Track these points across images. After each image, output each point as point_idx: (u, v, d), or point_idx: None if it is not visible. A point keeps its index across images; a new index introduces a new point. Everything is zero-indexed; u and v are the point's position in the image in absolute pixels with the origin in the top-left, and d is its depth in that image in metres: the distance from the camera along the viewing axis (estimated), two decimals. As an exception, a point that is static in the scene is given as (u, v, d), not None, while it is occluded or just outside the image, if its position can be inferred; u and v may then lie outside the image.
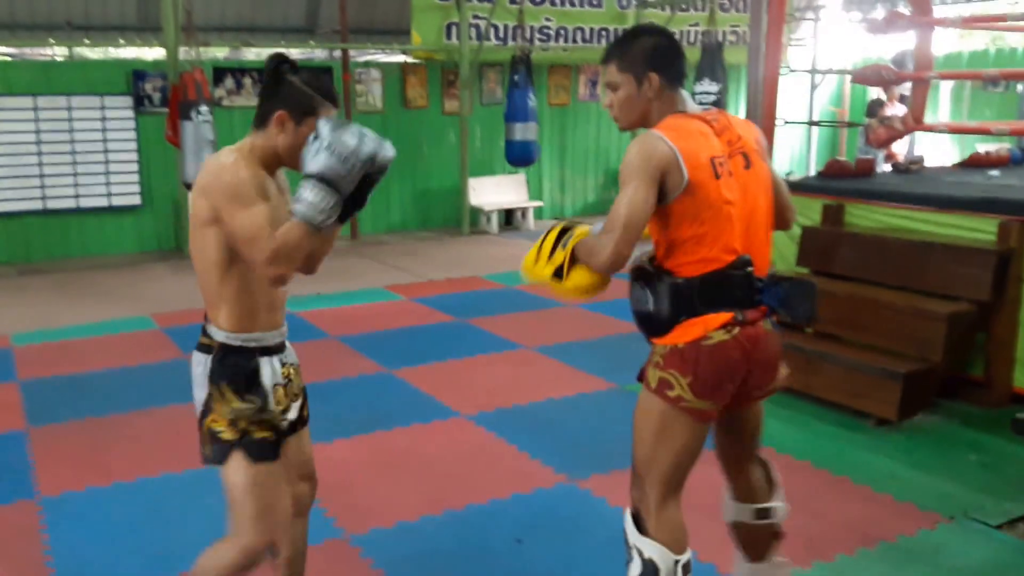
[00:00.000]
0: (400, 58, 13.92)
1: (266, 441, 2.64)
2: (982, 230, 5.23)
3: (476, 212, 13.01)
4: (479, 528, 3.99)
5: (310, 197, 2.38)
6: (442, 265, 10.39)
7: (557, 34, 13.19)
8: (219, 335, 2.63)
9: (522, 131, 11.77)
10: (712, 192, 2.60)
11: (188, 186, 9.78)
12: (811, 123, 11.00)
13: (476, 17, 12.42)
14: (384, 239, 12.40)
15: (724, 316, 2.65)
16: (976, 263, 4.98)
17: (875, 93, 10.43)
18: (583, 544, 3.83)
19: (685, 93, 2.77)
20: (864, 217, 5.96)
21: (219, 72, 11.64)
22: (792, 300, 2.73)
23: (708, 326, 2.65)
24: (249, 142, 2.62)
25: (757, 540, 3.13)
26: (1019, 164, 7.28)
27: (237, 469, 2.62)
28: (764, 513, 3.06)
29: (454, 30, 12.35)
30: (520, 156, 11.87)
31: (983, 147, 9.37)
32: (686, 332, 2.66)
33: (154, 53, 12.88)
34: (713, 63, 10.87)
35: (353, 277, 9.63)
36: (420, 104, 12.88)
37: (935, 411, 5.23)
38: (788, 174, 6.95)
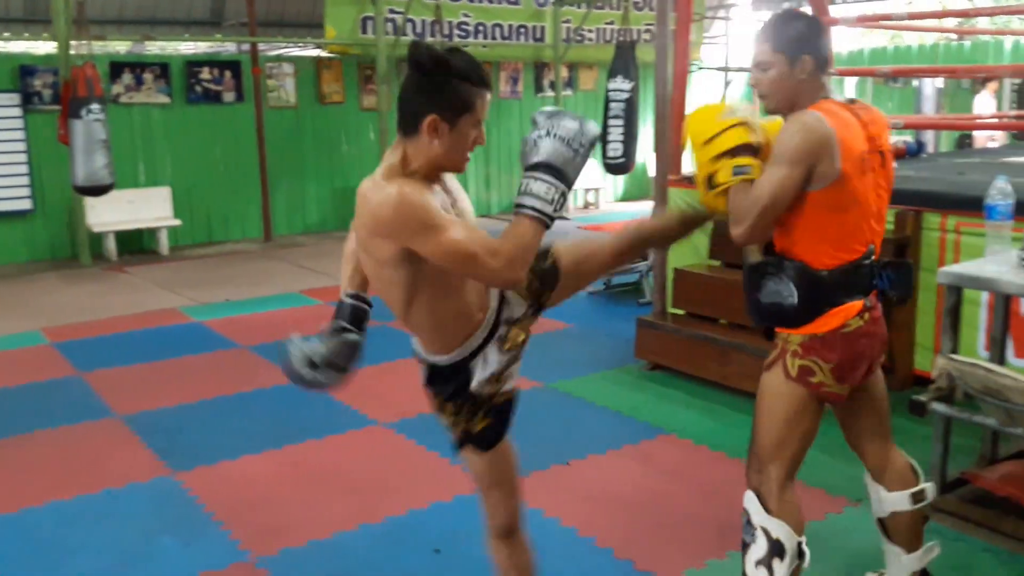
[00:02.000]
0: (315, 52, 13.70)
1: (487, 428, 2.56)
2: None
3: (396, 210, 12.78)
4: (396, 541, 3.86)
5: (537, 189, 2.23)
6: (360, 266, 10.16)
7: (476, 30, 13.12)
8: (441, 359, 2.53)
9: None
10: (858, 186, 2.70)
11: (78, 189, 9.40)
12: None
13: (392, 11, 12.27)
14: (299, 240, 12.13)
15: (858, 304, 2.78)
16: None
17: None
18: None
19: (829, 81, 2.81)
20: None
21: (117, 67, 11.29)
22: (899, 282, 2.86)
23: (848, 315, 2.77)
24: (400, 155, 2.34)
25: (915, 527, 3.13)
26: (915, 156, 7.42)
27: (478, 461, 2.61)
28: (920, 496, 3.08)
29: (370, 24, 12.17)
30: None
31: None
32: (827, 322, 2.77)
33: (46, 47, 12.42)
34: (627, 61, 10.94)
35: (265, 282, 9.38)
36: (336, 99, 12.69)
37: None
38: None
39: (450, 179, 2.54)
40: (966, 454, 4.23)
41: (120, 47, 14.86)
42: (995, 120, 8.72)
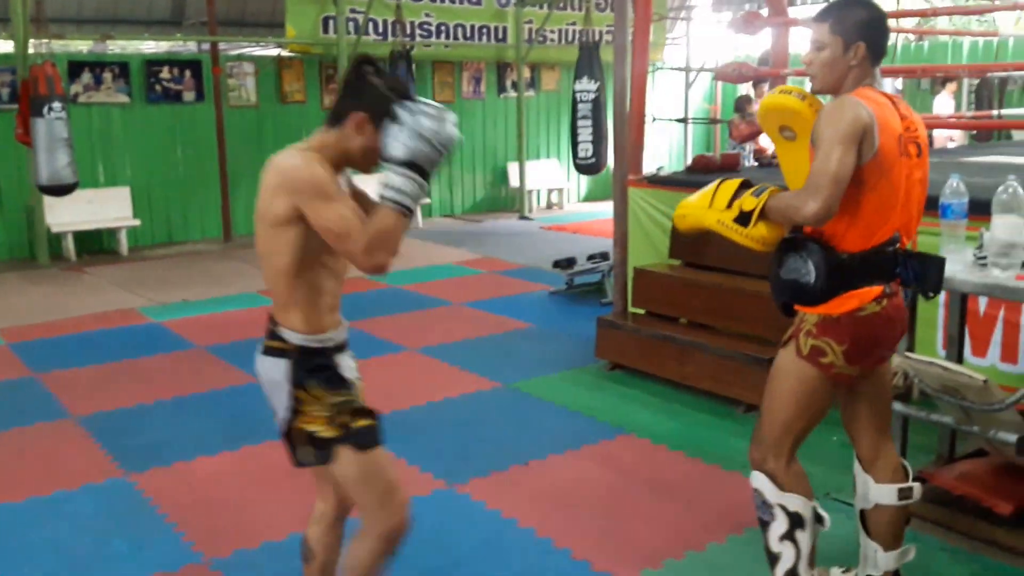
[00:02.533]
0: (276, 52, 13.61)
1: (369, 428, 2.61)
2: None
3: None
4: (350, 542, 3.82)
5: (398, 182, 2.37)
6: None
7: (438, 30, 13.10)
8: (295, 338, 2.58)
9: (400, 128, 11.59)
10: (894, 165, 2.75)
11: (42, 188, 9.33)
12: (680, 120, 11.19)
13: (353, 11, 12.21)
14: (261, 240, 11.99)
15: (877, 289, 2.81)
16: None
17: (744, 90, 10.64)
18: (458, 550, 3.72)
19: (878, 72, 2.87)
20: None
21: (76, 67, 11.14)
22: (926, 274, 2.88)
23: (864, 299, 2.80)
24: (319, 140, 2.56)
25: (897, 524, 3.13)
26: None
27: (348, 463, 2.58)
28: (907, 494, 3.10)
29: (331, 24, 12.10)
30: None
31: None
32: (843, 303, 2.80)
33: (3, 46, 12.22)
34: (591, 61, 11.00)
35: (224, 282, 9.27)
36: (297, 99, 12.60)
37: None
38: (659, 169, 7.04)
39: (356, 182, 2.77)
40: (924, 453, 4.25)
41: (79, 46, 14.66)
42: (953, 120, 8.80)
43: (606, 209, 6.81)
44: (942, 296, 4.45)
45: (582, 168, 11.24)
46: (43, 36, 9.62)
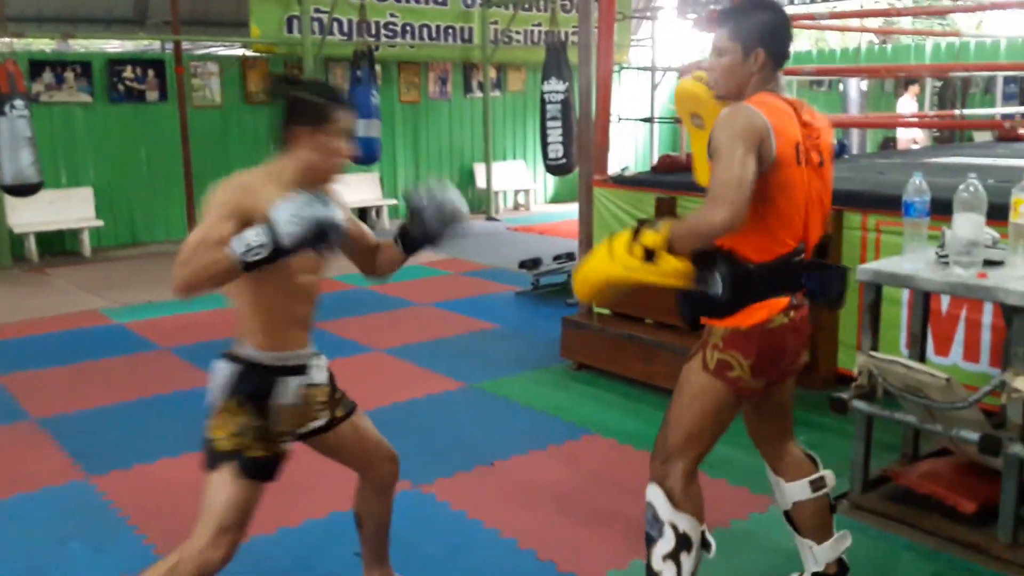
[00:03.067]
0: (240, 52, 13.52)
1: (260, 459, 2.66)
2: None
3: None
4: (316, 545, 3.79)
5: (249, 237, 2.36)
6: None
7: (403, 30, 13.06)
8: (245, 350, 2.68)
9: (365, 128, 11.52)
10: (793, 175, 2.68)
11: (5, 189, 9.19)
12: (646, 120, 11.22)
13: (318, 11, 12.14)
14: (227, 241, 11.90)
15: (784, 300, 2.77)
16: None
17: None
18: (423, 550, 3.69)
19: (781, 76, 2.81)
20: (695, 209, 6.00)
21: (38, 66, 11.00)
22: (830, 285, 2.86)
23: (772, 310, 2.75)
24: (276, 165, 2.66)
25: (821, 515, 3.12)
26: (837, 157, 7.53)
27: (224, 481, 2.62)
28: (819, 484, 3.10)
29: (295, 23, 12.03)
30: (363, 153, 11.61)
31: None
32: (751, 315, 2.74)
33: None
34: (558, 62, 11.00)
35: (190, 282, 9.16)
36: (262, 99, 12.50)
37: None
38: (624, 169, 7.09)
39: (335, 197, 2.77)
40: (889, 451, 4.28)
41: (41, 45, 14.48)
42: (916, 120, 8.89)
43: (573, 210, 6.82)
44: (905, 295, 4.49)
45: (553, 169, 11.24)
46: (3, 35, 9.49)
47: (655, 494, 2.86)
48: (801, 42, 19.43)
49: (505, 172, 14.94)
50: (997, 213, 3.54)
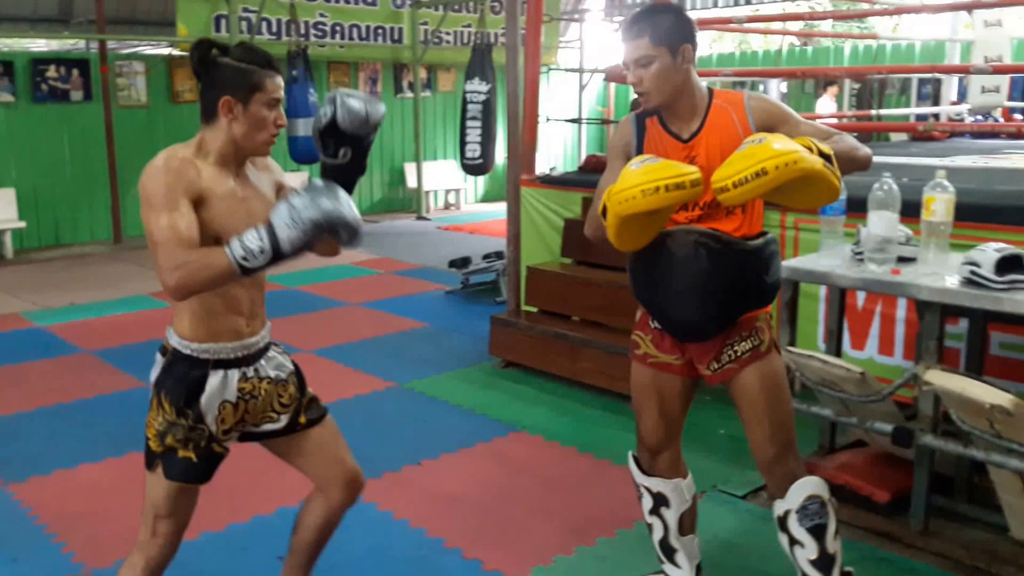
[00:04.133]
0: (167, 51, 13.34)
1: (188, 461, 2.51)
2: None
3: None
4: (239, 549, 3.75)
5: (251, 243, 2.22)
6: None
7: (333, 30, 12.97)
8: (172, 339, 2.52)
9: (305, 127, 11.44)
10: None
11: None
12: (573, 120, 11.33)
13: (246, 10, 12.01)
14: (152, 242, 11.71)
15: None
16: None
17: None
18: (347, 553, 3.64)
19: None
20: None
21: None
22: None
23: None
24: (199, 138, 2.45)
25: (694, 511, 3.20)
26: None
27: (156, 481, 2.54)
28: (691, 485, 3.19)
29: (223, 23, 11.89)
30: (306, 153, 11.49)
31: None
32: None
33: None
34: (483, 63, 11.03)
35: (113, 285, 9.01)
36: (189, 98, 12.31)
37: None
38: (552, 169, 7.15)
39: (262, 177, 2.60)
40: (808, 444, 4.36)
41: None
42: (835, 120, 9.09)
43: (503, 209, 6.84)
44: (822, 291, 4.58)
45: (469, 168, 11.26)
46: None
47: (810, 484, 2.89)
48: (724, 44, 19.72)
49: (436, 172, 14.92)
50: (911, 211, 3.64)
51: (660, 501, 3.08)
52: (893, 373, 4.22)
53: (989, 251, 3.16)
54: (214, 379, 2.51)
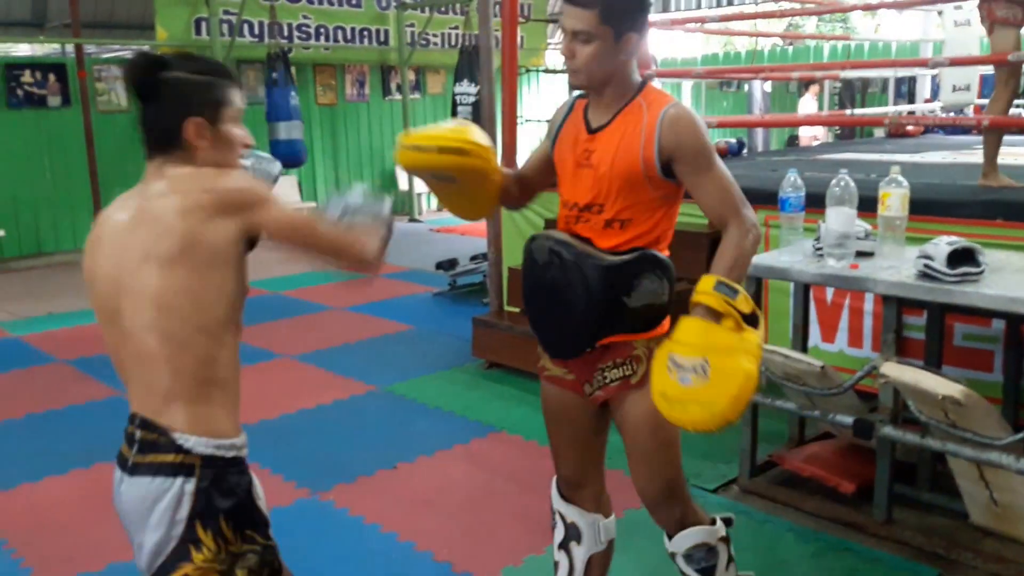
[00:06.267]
0: (148, 55, 13.29)
1: None
2: (699, 215, 5.39)
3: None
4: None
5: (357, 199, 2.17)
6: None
7: (317, 32, 12.94)
8: (197, 444, 1.85)
9: (287, 130, 11.46)
10: None
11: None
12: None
13: (227, 12, 11.96)
14: (137, 248, 11.67)
15: None
16: (692, 246, 5.13)
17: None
18: (316, 559, 3.64)
19: None
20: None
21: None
22: None
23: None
24: (175, 175, 1.97)
25: (606, 560, 3.01)
26: (736, 155, 7.72)
27: None
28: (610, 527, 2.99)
29: (204, 25, 11.84)
30: (288, 156, 11.45)
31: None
32: (665, 322, 2.55)
33: None
34: (471, 65, 11.02)
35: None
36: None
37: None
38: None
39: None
40: (778, 438, 4.38)
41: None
42: (814, 117, 9.15)
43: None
44: (792, 286, 4.59)
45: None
46: None
47: (695, 535, 2.71)
48: (711, 45, 19.84)
49: (426, 173, 14.89)
50: (872, 206, 3.64)
51: (572, 534, 2.77)
52: (862, 365, 4.22)
53: (941, 244, 3.18)
54: (253, 476, 2.02)
